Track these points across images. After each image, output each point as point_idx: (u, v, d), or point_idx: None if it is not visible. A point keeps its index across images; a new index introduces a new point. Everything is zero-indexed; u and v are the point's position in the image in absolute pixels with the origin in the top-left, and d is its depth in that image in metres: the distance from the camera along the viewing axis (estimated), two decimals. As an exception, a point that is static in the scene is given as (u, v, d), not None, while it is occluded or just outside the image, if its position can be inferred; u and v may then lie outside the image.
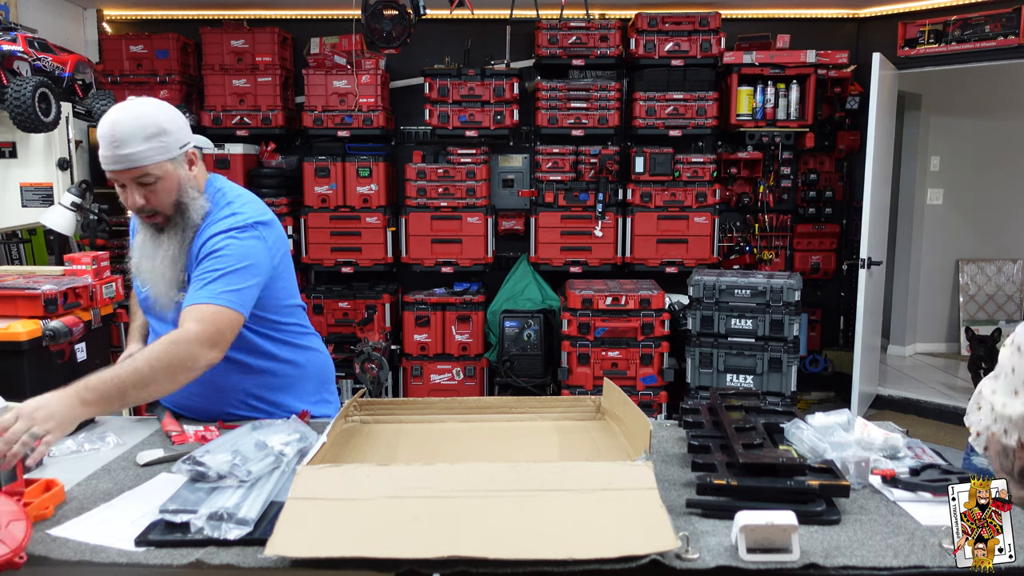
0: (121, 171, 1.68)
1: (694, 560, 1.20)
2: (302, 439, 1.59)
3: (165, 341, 1.64)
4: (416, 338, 4.70)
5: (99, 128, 1.70)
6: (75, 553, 1.24)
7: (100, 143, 1.68)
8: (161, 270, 1.78)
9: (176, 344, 1.62)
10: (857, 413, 3.33)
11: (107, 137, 1.66)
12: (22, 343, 2.58)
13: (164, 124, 1.71)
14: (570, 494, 1.28)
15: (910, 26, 4.80)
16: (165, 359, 1.60)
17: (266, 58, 4.73)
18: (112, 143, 1.66)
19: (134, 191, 1.71)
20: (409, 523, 1.21)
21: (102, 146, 1.68)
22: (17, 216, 3.45)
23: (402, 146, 5.13)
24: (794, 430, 1.63)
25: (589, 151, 4.63)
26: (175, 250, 1.78)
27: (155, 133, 1.69)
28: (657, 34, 4.57)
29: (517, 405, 1.92)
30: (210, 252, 1.74)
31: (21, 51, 3.13)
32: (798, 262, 5.19)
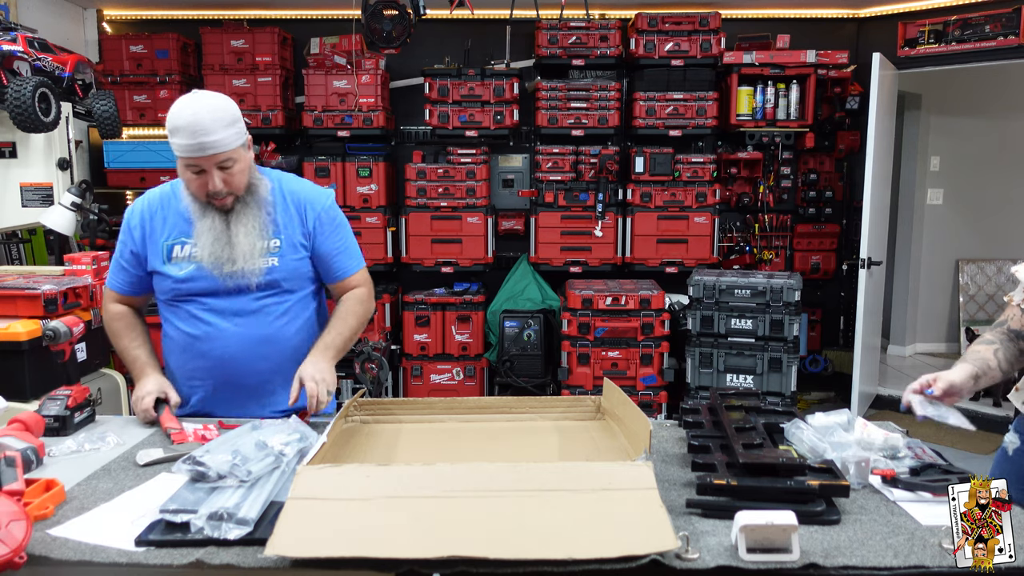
0: (206, 157, 1.80)
1: (694, 560, 1.20)
2: (302, 439, 1.59)
3: (354, 301, 2.06)
4: (416, 338, 4.70)
5: (176, 119, 1.77)
6: (75, 553, 1.24)
7: (179, 133, 1.77)
8: (247, 245, 1.90)
9: (363, 303, 2.07)
10: (857, 413, 3.33)
11: (191, 127, 1.76)
12: (22, 343, 2.58)
13: (236, 112, 1.86)
14: (570, 494, 1.28)
15: (910, 26, 4.80)
16: (362, 314, 2.07)
17: (266, 58, 4.73)
18: (197, 132, 1.76)
19: (215, 176, 1.83)
20: (409, 523, 1.21)
21: (183, 135, 1.77)
22: (17, 216, 3.45)
23: (402, 146, 5.13)
24: (794, 430, 1.63)
25: (589, 151, 4.63)
26: (259, 223, 1.92)
27: (232, 121, 1.83)
28: (657, 34, 4.57)
29: (517, 405, 1.92)
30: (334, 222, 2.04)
31: (21, 51, 3.13)
32: (798, 262, 5.19)
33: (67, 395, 1.84)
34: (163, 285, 1.98)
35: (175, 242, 1.95)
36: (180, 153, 1.80)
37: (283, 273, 1.97)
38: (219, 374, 1.97)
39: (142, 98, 4.75)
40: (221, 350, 1.95)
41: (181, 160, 1.83)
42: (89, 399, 1.91)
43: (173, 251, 1.95)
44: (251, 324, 1.96)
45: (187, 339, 1.97)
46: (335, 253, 2.04)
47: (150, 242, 1.97)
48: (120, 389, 3.12)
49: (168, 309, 2.01)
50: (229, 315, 1.95)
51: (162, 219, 1.97)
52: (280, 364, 1.98)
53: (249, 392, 1.99)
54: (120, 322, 2.04)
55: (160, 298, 2.02)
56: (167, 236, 1.96)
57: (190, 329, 1.97)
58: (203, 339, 1.95)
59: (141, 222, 1.99)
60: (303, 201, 2.01)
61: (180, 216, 1.96)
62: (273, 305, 1.97)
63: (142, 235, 1.98)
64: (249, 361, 1.96)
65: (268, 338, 1.97)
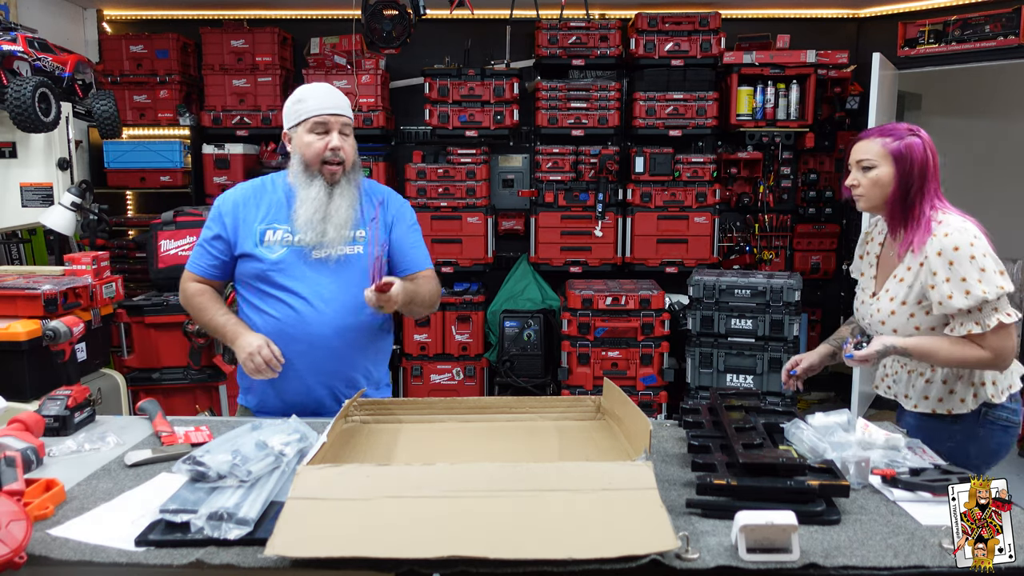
0: (336, 116, 2.05)
1: (694, 560, 1.20)
2: (302, 439, 1.59)
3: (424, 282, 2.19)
4: (416, 338, 4.70)
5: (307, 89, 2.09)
6: (75, 553, 1.24)
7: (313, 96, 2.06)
8: (342, 217, 2.05)
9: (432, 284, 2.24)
10: (857, 413, 3.33)
11: (325, 91, 2.08)
12: (22, 343, 2.59)
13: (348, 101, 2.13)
14: (570, 494, 1.28)
15: (910, 26, 4.80)
16: (433, 292, 2.22)
17: (266, 58, 4.72)
18: (330, 96, 2.07)
19: (336, 136, 2.05)
20: (409, 523, 1.21)
21: (318, 97, 2.05)
22: (17, 216, 3.45)
23: (402, 146, 5.12)
24: (794, 430, 1.63)
25: (589, 151, 4.62)
26: (353, 199, 2.10)
27: (349, 105, 2.13)
28: (657, 34, 4.57)
29: (517, 405, 1.92)
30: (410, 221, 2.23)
31: (21, 51, 3.13)
32: (798, 262, 5.19)
33: (67, 395, 1.84)
34: (252, 268, 2.07)
35: (268, 227, 2.08)
36: (312, 112, 2.03)
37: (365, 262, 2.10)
38: (308, 357, 2.04)
39: (142, 98, 4.75)
40: (312, 332, 2.03)
41: (310, 121, 2.04)
42: (89, 399, 1.91)
43: (266, 235, 2.07)
44: (337, 308, 2.05)
45: (276, 323, 2.05)
46: (410, 247, 2.22)
47: (243, 227, 2.08)
48: (120, 389, 3.12)
49: (255, 295, 2.09)
50: (317, 300, 2.04)
51: (255, 206, 2.11)
52: (363, 347, 2.12)
53: (334, 374, 2.08)
54: (202, 296, 2.14)
55: (246, 283, 2.10)
56: (260, 220, 2.08)
57: (279, 314, 2.05)
58: (293, 323, 2.03)
59: (234, 208, 2.10)
60: (386, 196, 2.22)
61: (274, 204, 2.11)
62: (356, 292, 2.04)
63: (234, 222, 2.09)
64: (336, 342, 2.06)
65: (352, 325, 2.07)
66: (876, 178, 1.96)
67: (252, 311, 2.10)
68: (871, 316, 2.01)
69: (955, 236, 1.86)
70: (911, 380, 2.02)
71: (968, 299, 1.82)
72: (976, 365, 1.88)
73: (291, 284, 2.05)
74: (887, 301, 1.97)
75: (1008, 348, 1.85)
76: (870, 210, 2.03)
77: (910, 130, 1.97)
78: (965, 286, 1.82)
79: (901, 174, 1.93)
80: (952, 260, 1.83)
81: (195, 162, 4.79)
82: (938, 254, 1.86)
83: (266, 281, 2.06)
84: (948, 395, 1.97)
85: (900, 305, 1.93)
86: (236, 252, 2.09)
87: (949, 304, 1.84)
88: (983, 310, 1.83)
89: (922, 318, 1.91)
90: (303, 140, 2.06)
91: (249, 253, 2.07)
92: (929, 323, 1.91)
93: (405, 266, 2.21)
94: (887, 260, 2.06)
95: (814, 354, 2.17)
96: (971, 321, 1.84)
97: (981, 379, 1.95)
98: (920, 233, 1.91)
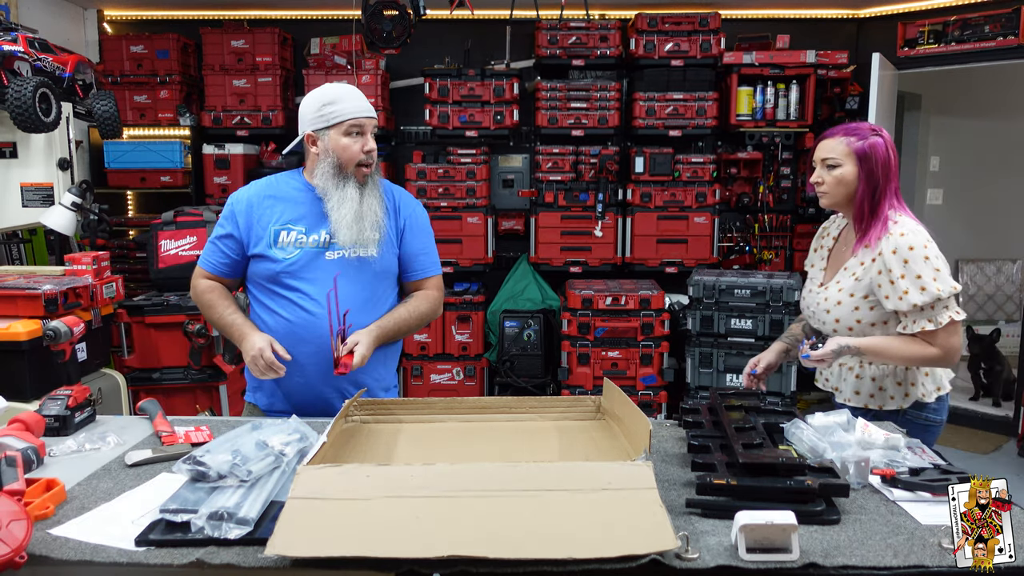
0: (369, 119, 2.06)
1: (694, 560, 1.20)
2: (302, 439, 1.59)
3: (421, 299, 2.18)
4: (416, 338, 4.70)
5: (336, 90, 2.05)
6: (75, 553, 1.24)
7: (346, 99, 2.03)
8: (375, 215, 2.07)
9: (429, 302, 2.19)
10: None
11: (354, 94, 2.06)
12: (22, 343, 2.59)
13: None
14: (570, 494, 1.28)
15: (910, 26, 4.80)
16: (425, 312, 2.18)
17: (266, 58, 4.73)
18: (363, 97, 2.08)
19: (369, 139, 2.07)
20: (409, 523, 1.21)
21: (351, 100, 2.04)
22: (17, 216, 3.45)
23: (402, 146, 5.13)
24: (794, 430, 1.63)
25: (589, 151, 4.62)
26: (380, 198, 2.11)
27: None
28: (657, 34, 4.57)
29: (517, 405, 1.92)
30: (421, 225, 2.22)
31: (21, 51, 3.14)
32: (798, 262, 5.18)
33: (67, 395, 1.84)
34: (265, 269, 2.06)
35: (282, 228, 2.07)
36: (349, 115, 2.02)
37: (382, 264, 2.11)
38: (317, 358, 2.03)
39: (142, 98, 4.75)
40: (322, 334, 2.02)
41: (345, 123, 2.02)
42: (89, 399, 1.91)
43: (279, 236, 2.06)
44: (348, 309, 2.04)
45: (287, 325, 2.05)
46: (419, 253, 2.20)
47: (256, 227, 2.07)
48: (120, 389, 3.12)
49: (267, 295, 2.09)
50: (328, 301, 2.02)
51: (270, 206, 2.09)
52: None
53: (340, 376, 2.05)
54: (212, 293, 2.13)
55: (258, 283, 2.10)
56: (275, 221, 2.07)
57: (290, 315, 2.05)
58: (303, 324, 2.03)
59: (248, 208, 2.09)
60: (398, 198, 2.20)
61: (289, 204, 2.09)
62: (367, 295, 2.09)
63: (248, 221, 2.08)
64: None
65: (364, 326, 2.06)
66: (840, 176, 2.01)
67: (263, 311, 2.10)
68: (817, 305, 2.07)
69: (910, 236, 1.93)
70: (842, 374, 2.09)
71: (924, 296, 1.88)
72: (926, 362, 1.95)
73: (302, 286, 2.05)
74: (835, 291, 2.02)
75: (956, 345, 1.93)
76: (832, 207, 2.09)
77: (873, 130, 2.01)
78: (921, 283, 1.89)
79: (866, 173, 1.98)
80: (907, 259, 1.90)
81: (195, 162, 4.79)
82: (893, 252, 1.92)
83: (278, 282, 2.06)
84: (878, 392, 2.05)
85: (848, 297, 1.99)
86: (249, 252, 2.09)
87: (906, 300, 1.90)
88: (935, 308, 1.90)
89: (865, 312, 1.98)
90: (339, 143, 2.03)
91: (262, 254, 2.07)
92: (870, 318, 1.98)
93: (410, 275, 2.20)
94: (839, 254, 2.12)
95: (770, 352, 2.25)
96: (924, 318, 1.91)
97: (911, 379, 2.03)
98: (877, 230, 1.98)
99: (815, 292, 2.10)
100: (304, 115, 2.07)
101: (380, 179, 2.16)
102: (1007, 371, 4.87)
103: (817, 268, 2.18)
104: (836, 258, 2.13)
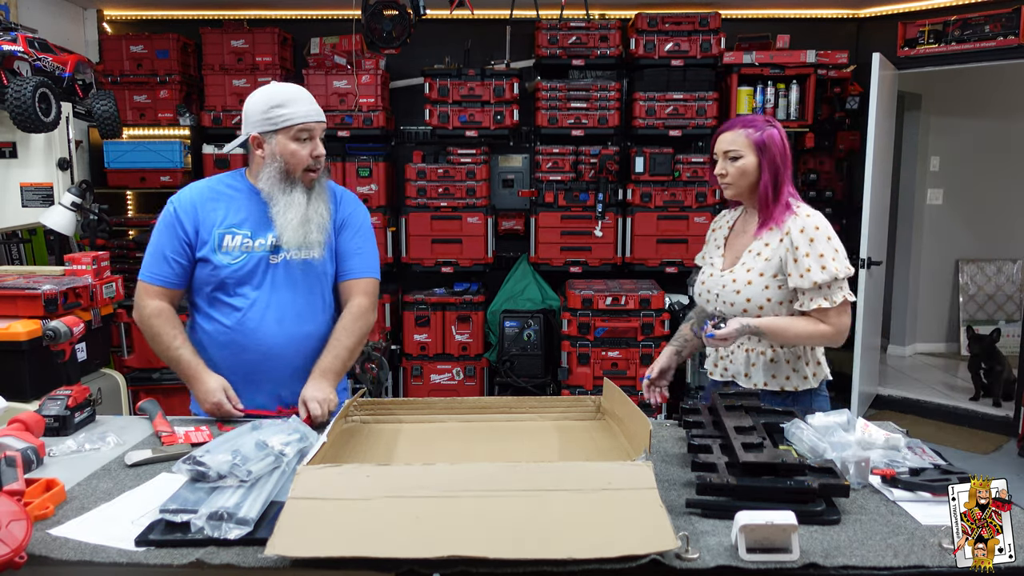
0: (319, 123, 1.99)
1: (694, 560, 1.20)
2: (302, 439, 1.59)
3: (350, 319, 2.06)
4: (416, 338, 4.70)
5: (286, 91, 1.97)
6: (75, 553, 1.24)
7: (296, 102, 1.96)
8: (322, 218, 2.01)
9: (360, 319, 2.07)
10: (857, 413, 3.33)
11: (303, 96, 1.98)
12: (22, 343, 2.59)
13: None
14: (570, 494, 1.28)
15: (910, 26, 4.80)
16: (360, 331, 2.07)
17: (266, 58, 4.73)
18: (312, 100, 2.00)
19: (318, 143, 2.00)
20: (410, 523, 1.21)
21: (302, 103, 1.96)
22: (17, 216, 3.45)
23: (402, 146, 5.12)
24: (794, 430, 1.63)
25: (589, 151, 4.62)
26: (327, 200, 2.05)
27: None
28: (657, 34, 4.57)
29: (517, 405, 1.92)
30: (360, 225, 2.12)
31: (21, 51, 3.13)
32: (798, 262, 5.18)
33: (67, 395, 1.84)
34: (209, 275, 2.00)
35: (226, 231, 2.00)
36: (300, 119, 1.94)
37: (324, 266, 2.06)
38: (260, 365, 2.00)
39: (142, 98, 4.75)
40: (266, 342, 1.99)
41: (294, 128, 1.94)
42: (89, 399, 1.91)
43: (224, 240, 1.99)
44: (291, 318, 2.01)
45: (228, 333, 2.00)
46: (354, 252, 2.11)
47: (203, 229, 1.99)
48: (120, 389, 3.12)
49: (207, 302, 2.03)
50: (272, 308, 2.00)
51: (212, 208, 2.01)
52: (315, 354, 2.04)
53: (282, 382, 2.03)
54: (159, 319, 1.99)
55: (201, 290, 2.03)
56: (219, 224, 2.00)
57: (232, 323, 2.00)
58: (245, 331, 1.99)
59: (193, 209, 2.00)
60: (340, 196, 2.13)
61: (232, 206, 2.02)
62: (310, 299, 2.04)
63: (195, 223, 1.99)
64: (290, 351, 2.02)
65: (305, 334, 2.03)
66: (743, 167, 2.07)
67: (203, 319, 2.03)
68: (723, 288, 2.09)
69: (815, 218, 2.03)
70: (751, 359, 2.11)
71: (823, 274, 1.96)
72: (820, 341, 2.03)
73: (246, 291, 1.99)
74: (744, 272, 2.06)
75: (846, 325, 2.01)
76: (736, 197, 2.13)
77: (767, 121, 2.11)
78: (822, 262, 1.96)
79: (767, 162, 2.07)
80: (813, 238, 1.98)
81: (195, 162, 4.79)
82: (800, 231, 1.99)
83: (222, 289, 2.00)
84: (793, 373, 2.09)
85: (758, 276, 2.04)
86: (197, 255, 2.00)
87: (807, 277, 1.96)
88: (831, 287, 1.98)
89: (774, 292, 2.03)
90: (287, 148, 1.95)
91: (206, 258, 1.98)
92: (779, 297, 2.03)
93: (345, 272, 2.11)
94: (737, 241, 2.17)
95: (663, 357, 2.28)
96: (820, 296, 1.97)
97: (817, 358, 2.11)
98: (779, 212, 2.05)
99: (718, 276, 2.13)
100: (249, 115, 1.98)
101: (327, 181, 2.10)
102: (1007, 371, 4.87)
103: (715, 256, 2.20)
104: (735, 245, 2.16)
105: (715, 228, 2.29)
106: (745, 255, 2.09)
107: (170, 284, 2.01)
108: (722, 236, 2.22)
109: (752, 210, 2.14)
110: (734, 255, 2.14)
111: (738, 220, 2.21)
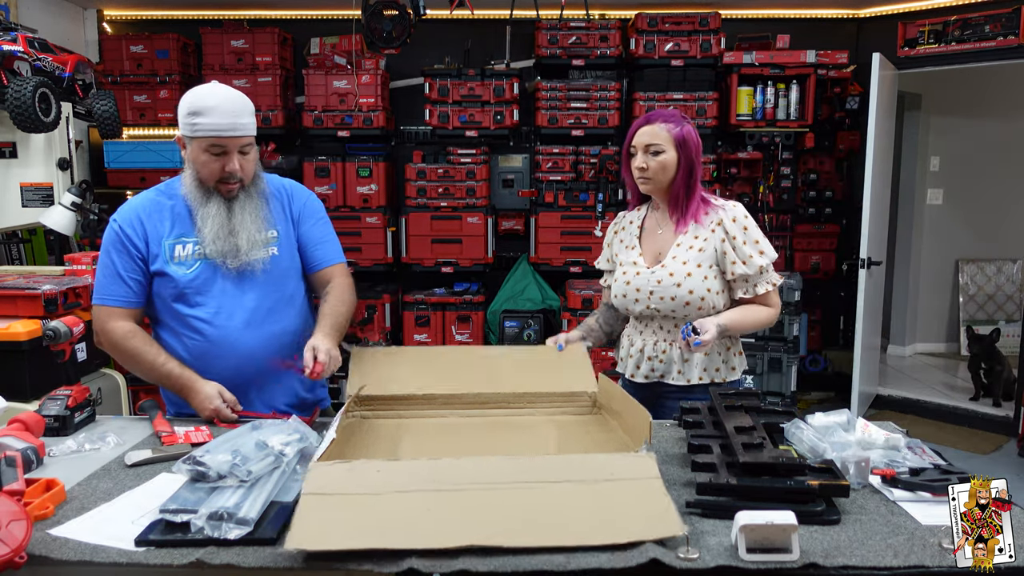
0: (235, 138, 1.86)
1: (694, 560, 1.20)
2: (302, 439, 1.59)
3: (340, 290, 2.04)
4: (416, 338, 4.70)
5: (205, 99, 1.84)
6: (75, 553, 1.24)
7: (210, 112, 1.83)
8: (249, 232, 1.93)
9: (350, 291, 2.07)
10: (857, 413, 3.33)
11: (223, 107, 1.84)
12: (22, 343, 2.59)
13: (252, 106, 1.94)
14: (576, 484, 1.31)
15: (910, 26, 4.80)
16: (350, 302, 2.05)
17: (266, 58, 4.73)
18: (230, 113, 1.84)
19: (235, 158, 1.88)
20: (422, 515, 1.24)
21: (216, 115, 1.83)
22: (17, 216, 3.45)
23: (402, 146, 5.12)
24: (794, 430, 1.63)
25: (589, 151, 4.63)
26: (260, 213, 1.96)
27: (253, 111, 1.93)
28: (657, 34, 4.57)
29: (515, 400, 1.95)
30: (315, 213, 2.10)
31: (21, 51, 3.13)
32: (798, 262, 5.19)
33: (67, 395, 1.84)
34: (167, 288, 1.93)
35: (176, 241, 1.93)
36: (210, 132, 1.83)
37: (286, 261, 2.01)
38: (240, 371, 1.94)
39: (142, 98, 4.75)
40: (238, 346, 1.93)
41: (205, 140, 1.84)
42: (89, 399, 1.91)
43: (175, 251, 1.93)
44: (261, 319, 1.96)
45: (201, 344, 1.93)
46: (318, 242, 2.08)
47: (152, 242, 1.92)
48: (120, 389, 3.12)
49: (172, 317, 1.95)
50: (239, 312, 1.94)
51: (159, 219, 1.94)
52: (293, 349, 1.97)
53: (262, 385, 1.99)
54: (133, 340, 1.92)
55: (163, 304, 1.96)
56: (168, 235, 1.93)
57: (201, 334, 1.93)
58: (218, 340, 1.92)
59: (139, 222, 1.93)
60: (289, 191, 2.09)
61: (177, 215, 1.95)
62: (277, 296, 1.99)
63: (143, 237, 1.92)
64: (268, 352, 1.96)
65: (279, 332, 1.98)
66: (664, 162, 2.08)
67: (171, 336, 1.96)
68: (658, 284, 2.07)
69: (740, 208, 2.10)
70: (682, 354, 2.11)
71: (763, 258, 2.05)
72: (767, 323, 2.11)
73: (208, 301, 1.92)
74: (679, 266, 2.06)
75: (779, 304, 2.11)
76: (653, 192, 2.13)
77: (682, 117, 2.15)
78: (760, 247, 2.05)
79: (685, 157, 2.08)
80: (746, 226, 2.06)
81: (195, 162, 4.79)
82: (733, 220, 2.06)
83: (182, 300, 1.93)
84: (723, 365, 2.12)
85: (696, 268, 2.06)
86: (152, 269, 1.92)
87: (752, 263, 2.03)
88: (769, 271, 2.07)
89: (713, 281, 2.06)
90: (198, 157, 1.87)
91: (162, 271, 1.91)
92: (717, 287, 2.07)
93: (316, 262, 2.07)
94: (655, 238, 2.15)
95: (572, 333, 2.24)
96: (764, 281, 2.06)
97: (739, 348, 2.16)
98: (695, 207, 2.09)
99: (647, 274, 2.09)
100: (179, 114, 1.90)
101: (263, 185, 2.00)
102: (1007, 371, 4.87)
103: (632, 256, 2.16)
104: (652, 243, 2.15)
105: (618, 230, 2.26)
106: (674, 250, 2.08)
107: (131, 304, 1.94)
108: (632, 236, 2.19)
109: (663, 207, 2.14)
110: (655, 252, 2.12)
111: (646, 219, 2.20)
